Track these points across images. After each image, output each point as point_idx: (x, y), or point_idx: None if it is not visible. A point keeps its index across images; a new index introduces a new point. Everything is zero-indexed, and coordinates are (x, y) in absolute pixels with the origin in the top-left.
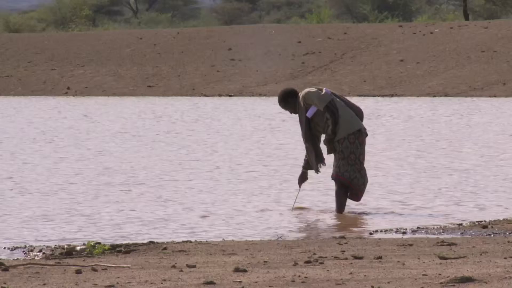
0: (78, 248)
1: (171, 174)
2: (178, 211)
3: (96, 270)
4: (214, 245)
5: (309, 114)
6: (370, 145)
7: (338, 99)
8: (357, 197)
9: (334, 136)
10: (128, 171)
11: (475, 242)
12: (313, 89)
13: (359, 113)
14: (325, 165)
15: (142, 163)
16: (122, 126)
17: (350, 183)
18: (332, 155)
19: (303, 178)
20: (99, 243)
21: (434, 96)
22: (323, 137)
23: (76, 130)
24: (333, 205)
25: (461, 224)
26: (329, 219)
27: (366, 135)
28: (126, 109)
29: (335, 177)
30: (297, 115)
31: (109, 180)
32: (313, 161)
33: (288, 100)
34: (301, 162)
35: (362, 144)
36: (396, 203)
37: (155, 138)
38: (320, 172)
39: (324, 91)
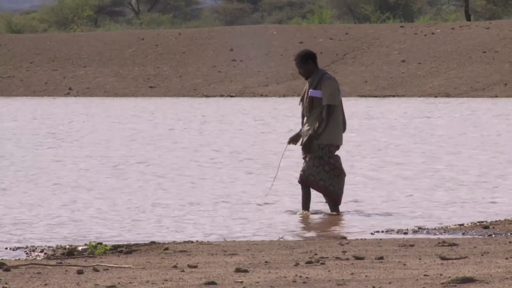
0: (79, 248)
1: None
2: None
3: (97, 271)
4: (215, 245)
5: (312, 93)
6: (371, 146)
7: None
8: (336, 202)
9: (318, 138)
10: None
11: (476, 243)
12: (336, 84)
13: (345, 126)
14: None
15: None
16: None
17: (324, 191)
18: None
19: (293, 139)
20: (101, 243)
21: (436, 97)
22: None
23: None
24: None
25: (462, 225)
26: (330, 220)
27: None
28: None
29: (307, 183)
30: (303, 78)
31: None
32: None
33: (308, 61)
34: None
35: (337, 154)
36: (397, 203)
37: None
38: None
39: (339, 95)
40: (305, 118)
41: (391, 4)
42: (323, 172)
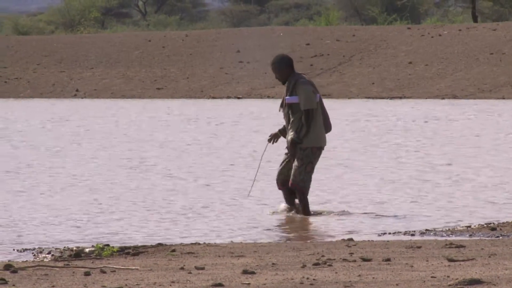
0: (86, 250)
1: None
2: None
3: (104, 272)
4: (222, 247)
5: (288, 100)
6: (378, 147)
7: (320, 107)
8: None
9: (301, 143)
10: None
11: (483, 244)
12: (310, 88)
13: (328, 126)
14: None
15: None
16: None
17: (303, 191)
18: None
19: (274, 136)
20: (108, 245)
21: (443, 98)
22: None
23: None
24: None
25: (469, 226)
26: (337, 222)
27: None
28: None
29: (291, 185)
30: (279, 82)
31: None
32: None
33: (283, 67)
34: None
35: (319, 157)
36: (404, 205)
37: None
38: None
39: (317, 96)
40: (289, 125)
41: (398, 6)
42: (304, 172)
